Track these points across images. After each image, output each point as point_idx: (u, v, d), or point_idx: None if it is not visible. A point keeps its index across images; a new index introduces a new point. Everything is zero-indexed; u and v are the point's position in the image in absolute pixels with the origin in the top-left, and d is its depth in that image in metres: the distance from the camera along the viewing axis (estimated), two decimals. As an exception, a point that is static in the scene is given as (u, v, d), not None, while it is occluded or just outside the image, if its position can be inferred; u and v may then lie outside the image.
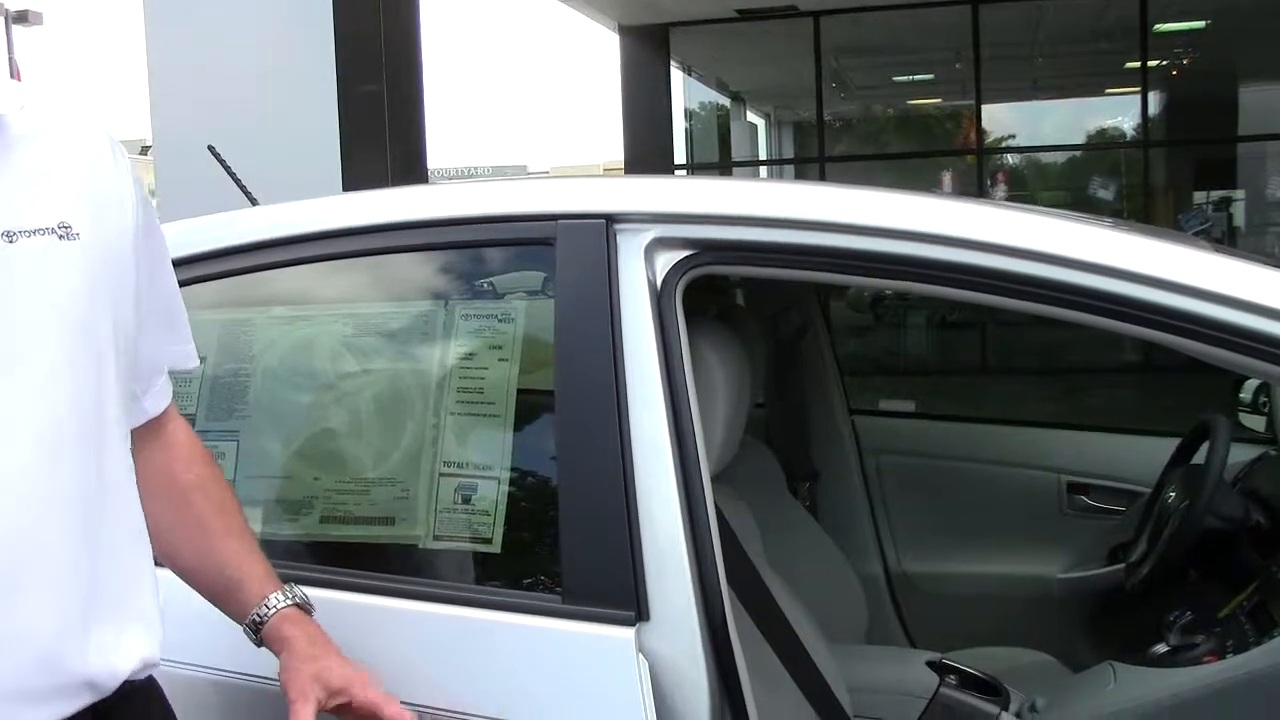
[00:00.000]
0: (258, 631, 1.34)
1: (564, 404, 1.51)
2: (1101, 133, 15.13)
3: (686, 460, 1.47)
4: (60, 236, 1.14)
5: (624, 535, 1.43)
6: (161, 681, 1.29)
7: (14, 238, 1.11)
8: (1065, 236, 1.50)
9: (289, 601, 1.35)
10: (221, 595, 1.37)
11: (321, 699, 1.29)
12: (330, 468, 1.68)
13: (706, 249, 1.58)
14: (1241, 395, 3.65)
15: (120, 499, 1.20)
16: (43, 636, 1.10)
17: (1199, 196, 13.90)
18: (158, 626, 1.24)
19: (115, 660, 1.17)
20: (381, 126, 6.13)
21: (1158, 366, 10.88)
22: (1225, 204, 13.87)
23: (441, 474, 1.59)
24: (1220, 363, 1.45)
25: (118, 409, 1.20)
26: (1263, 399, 3.16)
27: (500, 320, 1.63)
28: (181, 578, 1.39)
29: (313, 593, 1.54)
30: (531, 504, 1.52)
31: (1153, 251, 1.48)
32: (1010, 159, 15.22)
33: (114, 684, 1.17)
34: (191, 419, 1.65)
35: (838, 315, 12.31)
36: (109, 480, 1.18)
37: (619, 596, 1.44)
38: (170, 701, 1.30)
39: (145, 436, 1.34)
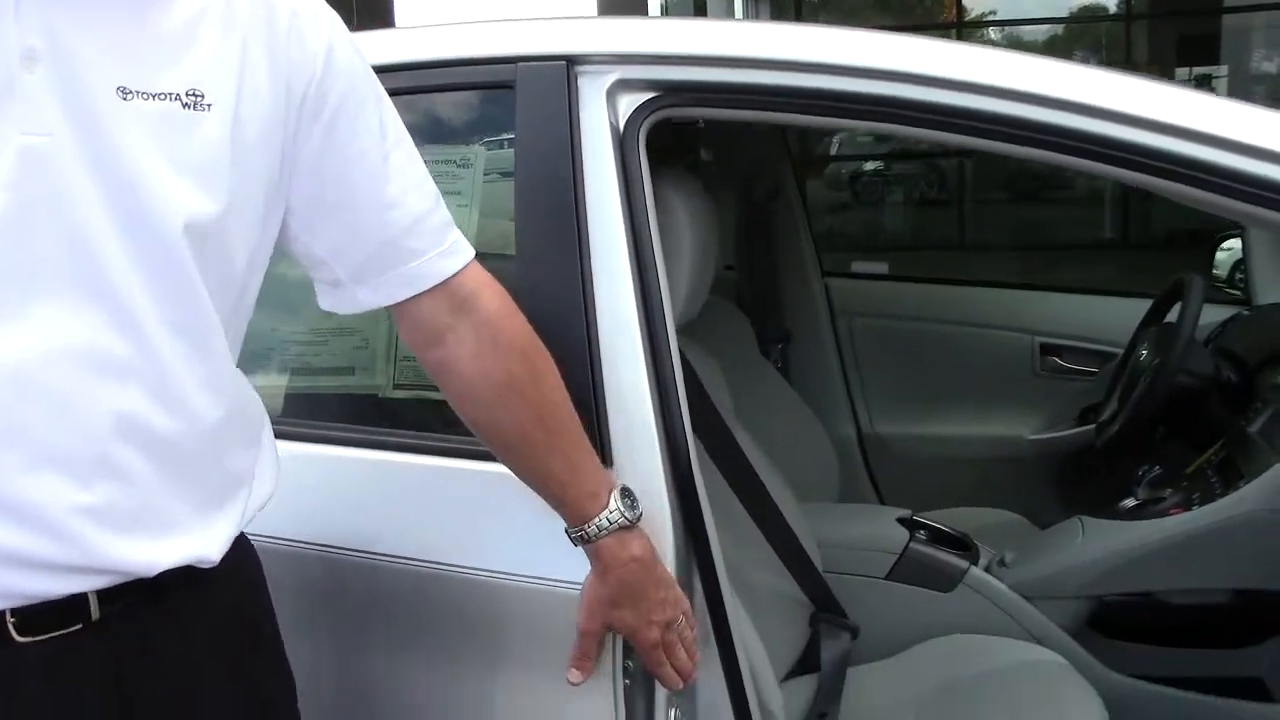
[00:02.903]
0: (580, 542, 1.32)
1: (524, 248, 1.48)
2: (1083, 7, 14.92)
3: (650, 305, 1.44)
4: (185, 105, 1.02)
5: (586, 378, 1.40)
6: None
7: (129, 95, 0.99)
8: (1045, 76, 1.45)
9: (611, 528, 1.30)
10: (546, 500, 1.32)
11: (602, 636, 1.35)
12: (288, 319, 1.64)
13: (671, 90, 1.53)
14: (1215, 271, 3.64)
15: (215, 381, 1.10)
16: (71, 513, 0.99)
17: (1181, 72, 13.76)
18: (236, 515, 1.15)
19: (156, 552, 1.05)
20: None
21: (1134, 243, 10.90)
22: (1208, 80, 13.73)
23: (400, 322, 1.55)
24: (1200, 204, 1.42)
25: (214, 301, 1.08)
26: (1239, 275, 3.13)
27: (459, 166, 1.58)
28: None
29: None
30: (492, 350, 1.48)
31: (1134, 90, 1.44)
32: (991, 33, 15.03)
33: (151, 572, 1.05)
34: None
35: (815, 192, 12.24)
36: (200, 366, 1.07)
37: (581, 441, 1.41)
38: None
39: (427, 336, 1.26)
